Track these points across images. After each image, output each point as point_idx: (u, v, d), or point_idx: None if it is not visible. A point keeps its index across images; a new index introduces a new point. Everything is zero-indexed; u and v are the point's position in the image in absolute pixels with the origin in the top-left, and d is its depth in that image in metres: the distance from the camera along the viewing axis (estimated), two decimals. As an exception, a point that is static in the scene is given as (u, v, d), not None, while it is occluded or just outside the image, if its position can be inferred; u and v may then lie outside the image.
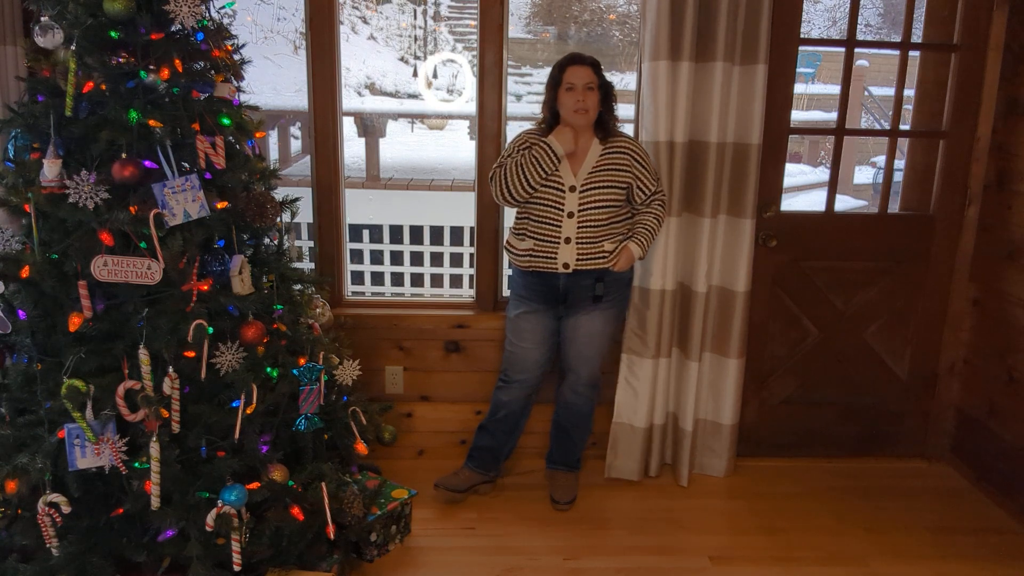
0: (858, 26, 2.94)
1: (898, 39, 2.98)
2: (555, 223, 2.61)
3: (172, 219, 1.98)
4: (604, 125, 2.61)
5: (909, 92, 3.07)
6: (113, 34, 1.95)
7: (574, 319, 2.72)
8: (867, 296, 3.14)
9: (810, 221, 3.13)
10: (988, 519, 2.88)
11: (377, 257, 5.45)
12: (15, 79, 2.53)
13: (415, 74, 12.15)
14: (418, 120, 11.13)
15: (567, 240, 2.61)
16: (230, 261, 2.12)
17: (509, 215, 2.86)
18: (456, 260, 5.46)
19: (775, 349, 3.17)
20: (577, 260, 2.62)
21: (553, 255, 2.62)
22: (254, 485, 2.10)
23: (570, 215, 2.59)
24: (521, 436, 2.97)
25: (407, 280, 5.50)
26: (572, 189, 2.58)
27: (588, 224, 2.60)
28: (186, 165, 2.06)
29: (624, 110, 2.85)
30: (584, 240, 2.61)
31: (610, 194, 2.60)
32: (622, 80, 11.79)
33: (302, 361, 2.26)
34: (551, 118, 2.63)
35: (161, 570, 2.10)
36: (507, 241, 2.78)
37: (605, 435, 3.06)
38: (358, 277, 5.45)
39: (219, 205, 2.08)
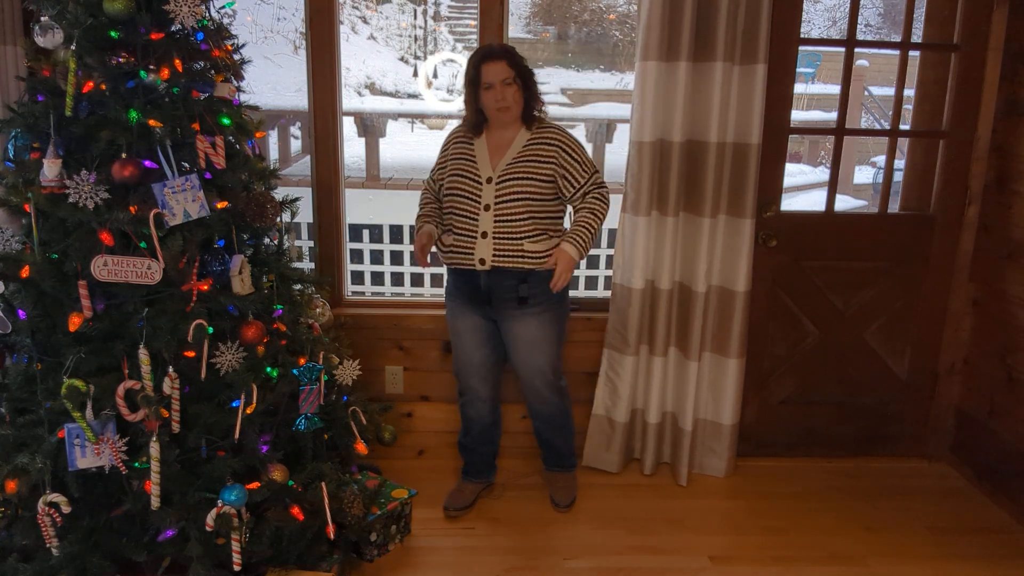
0: (858, 26, 2.94)
1: (898, 39, 2.98)
2: (472, 216, 2.51)
3: (172, 219, 1.98)
4: (529, 113, 2.51)
5: (909, 92, 3.07)
6: (113, 34, 1.95)
7: (507, 325, 2.61)
8: (867, 296, 3.14)
9: (810, 221, 3.13)
10: (988, 519, 2.88)
11: (377, 257, 5.45)
12: (15, 79, 2.52)
13: (415, 74, 12.16)
14: (418, 120, 11.13)
15: (483, 235, 2.49)
16: (230, 261, 2.12)
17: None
18: (456, 260, 5.45)
19: (775, 349, 3.17)
20: (494, 256, 2.49)
21: (471, 251, 2.53)
22: (254, 485, 2.10)
23: (486, 208, 2.49)
24: (520, 436, 2.98)
25: (407, 280, 5.49)
26: (489, 181, 2.49)
27: (505, 219, 2.48)
28: (186, 165, 2.06)
29: (627, 110, 2.85)
30: (501, 236, 2.49)
31: (529, 186, 2.47)
32: (621, 80, 11.80)
33: (302, 361, 2.26)
34: (475, 116, 2.53)
35: (161, 570, 2.10)
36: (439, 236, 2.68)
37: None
38: (358, 277, 5.45)
39: (219, 205, 2.08)
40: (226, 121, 2.11)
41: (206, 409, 2.07)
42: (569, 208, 2.63)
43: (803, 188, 8.38)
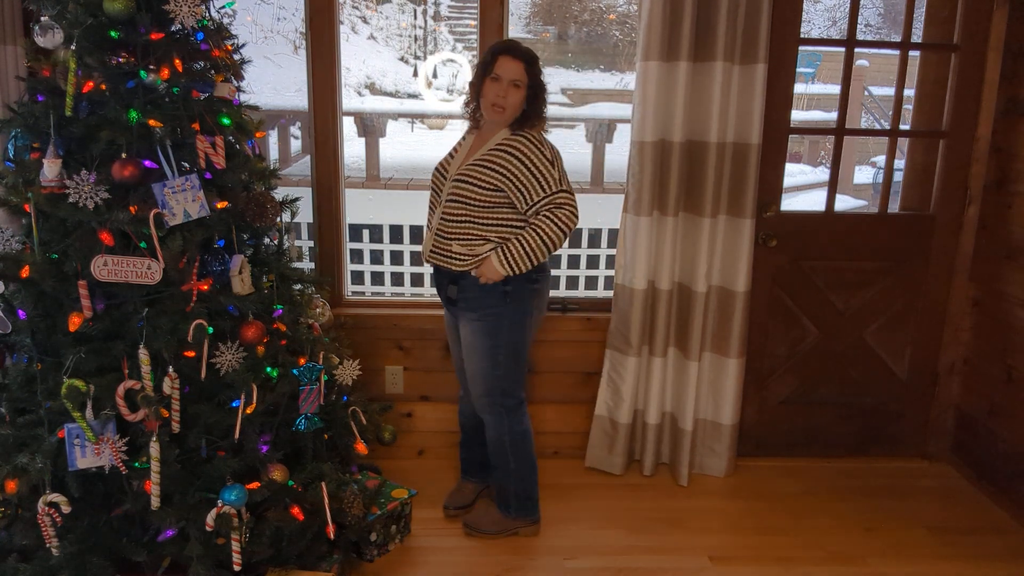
0: (858, 26, 2.94)
1: (898, 39, 2.98)
2: (432, 210, 2.53)
3: (172, 219, 1.98)
4: (520, 121, 2.39)
5: (909, 92, 3.07)
6: (113, 34, 1.95)
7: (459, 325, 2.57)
8: (867, 296, 3.14)
9: (810, 221, 3.13)
10: (988, 519, 2.88)
11: (377, 257, 5.46)
12: (15, 79, 2.52)
13: (415, 74, 12.15)
14: (418, 120, 11.12)
15: (430, 229, 2.51)
16: (230, 261, 2.12)
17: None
18: (456, 260, 5.45)
19: (775, 349, 3.17)
20: (430, 253, 2.49)
21: (422, 245, 2.57)
22: (254, 485, 2.10)
23: (440, 204, 2.48)
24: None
25: (407, 280, 5.50)
26: (450, 178, 2.46)
27: (445, 217, 2.44)
28: (186, 165, 2.06)
29: (627, 110, 2.85)
30: (438, 233, 2.46)
31: (469, 191, 2.37)
32: (621, 80, 11.79)
33: (302, 361, 2.26)
34: (475, 101, 2.45)
35: (161, 570, 2.10)
36: None
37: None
38: (358, 277, 5.45)
39: (219, 205, 2.07)
40: (226, 121, 2.11)
41: (206, 409, 2.07)
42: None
43: (803, 188, 8.37)
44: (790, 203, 6.86)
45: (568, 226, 2.34)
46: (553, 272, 2.67)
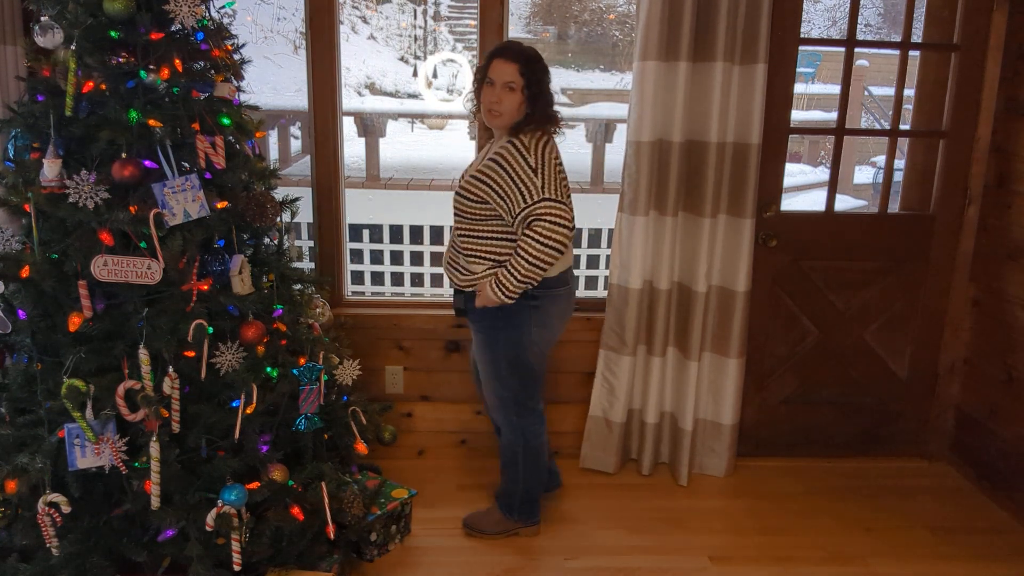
0: (858, 26, 2.94)
1: (898, 39, 2.98)
2: None
3: (172, 219, 1.98)
4: (523, 125, 2.28)
5: (909, 92, 3.07)
6: (113, 34, 1.95)
7: None
8: (867, 296, 3.14)
9: (810, 221, 3.13)
10: (988, 519, 2.88)
11: (377, 257, 5.46)
12: (15, 79, 2.52)
13: (415, 74, 12.17)
14: (418, 120, 11.13)
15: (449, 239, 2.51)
16: (230, 261, 2.12)
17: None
18: (456, 260, 5.45)
19: (775, 349, 3.17)
20: (446, 264, 2.48)
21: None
22: (254, 485, 2.10)
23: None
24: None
25: (407, 280, 5.50)
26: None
27: (456, 231, 2.42)
28: (186, 165, 2.06)
29: (627, 110, 2.85)
30: (452, 246, 2.46)
31: (462, 204, 2.34)
32: (621, 80, 11.80)
33: (302, 361, 2.26)
34: (478, 109, 2.40)
35: (161, 570, 2.10)
36: None
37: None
38: (358, 277, 5.45)
39: (219, 205, 2.08)
40: (226, 121, 2.11)
41: (206, 409, 2.07)
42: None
43: (803, 188, 8.37)
44: (790, 203, 6.86)
45: (550, 236, 2.16)
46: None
